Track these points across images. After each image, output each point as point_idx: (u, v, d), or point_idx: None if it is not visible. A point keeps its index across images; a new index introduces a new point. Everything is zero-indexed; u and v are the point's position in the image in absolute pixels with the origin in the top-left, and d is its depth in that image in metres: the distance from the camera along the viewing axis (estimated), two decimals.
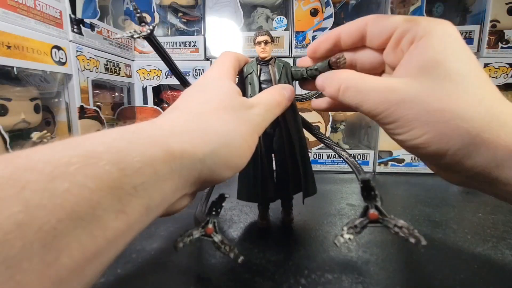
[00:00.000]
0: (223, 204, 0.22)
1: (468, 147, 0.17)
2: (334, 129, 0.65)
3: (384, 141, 0.60)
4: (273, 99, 0.23)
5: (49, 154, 0.12)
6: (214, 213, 0.22)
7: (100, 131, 0.15)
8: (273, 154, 0.30)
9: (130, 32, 0.24)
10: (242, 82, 0.28)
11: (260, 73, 0.27)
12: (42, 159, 0.11)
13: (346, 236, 0.19)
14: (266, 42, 0.27)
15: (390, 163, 0.61)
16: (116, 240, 0.12)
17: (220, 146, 0.18)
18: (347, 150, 0.67)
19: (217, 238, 0.22)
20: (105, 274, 0.24)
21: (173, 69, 0.27)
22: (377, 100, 0.19)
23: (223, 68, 0.24)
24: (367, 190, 0.19)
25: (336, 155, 0.62)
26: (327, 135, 0.30)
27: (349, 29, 0.23)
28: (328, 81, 0.22)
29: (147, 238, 0.31)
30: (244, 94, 0.27)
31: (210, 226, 0.22)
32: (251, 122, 0.21)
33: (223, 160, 0.18)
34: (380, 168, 0.62)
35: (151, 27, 0.24)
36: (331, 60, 0.22)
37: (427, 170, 0.62)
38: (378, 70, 0.23)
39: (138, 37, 0.24)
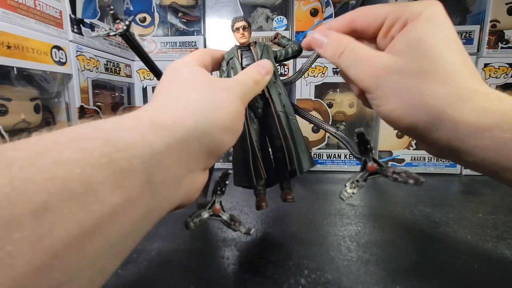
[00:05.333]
0: (227, 182, 0.22)
1: (434, 121, 0.18)
2: None
3: (384, 141, 0.60)
4: (249, 77, 0.23)
5: (36, 138, 0.12)
6: (219, 192, 0.22)
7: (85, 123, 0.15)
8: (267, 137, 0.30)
9: (106, 30, 0.24)
10: (224, 70, 0.28)
11: (241, 58, 0.28)
12: (29, 141, 0.12)
13: (349, 190, 0.19)
14: (244, 28, 0.27)
15: (390, 163, 0.61)
16: (116, 215, 0.12)
17: (208, 111, 0.18)
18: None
19: (225, 216, 0.23)
20: None
21: (152, 68, 0.27)
22: (366, 66, 0.20)
23: (191, 57, 0.24)
24: (363, 144, 0.19)
25: (336, 155, 0.63)
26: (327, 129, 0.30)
27: (337, 26, 0.24)
28: (333, 42, 0.23)
29: (148, 238, 0.31)
30: None
31: (217, 206, 0.22)
32: (230, 89, 0.21)
33: (216, 123, 0.19)
34: None
35: (126, 23, 0.23)
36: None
37: (427, 170, 0.63)
38: None
39: (114, 35, 0.24)
